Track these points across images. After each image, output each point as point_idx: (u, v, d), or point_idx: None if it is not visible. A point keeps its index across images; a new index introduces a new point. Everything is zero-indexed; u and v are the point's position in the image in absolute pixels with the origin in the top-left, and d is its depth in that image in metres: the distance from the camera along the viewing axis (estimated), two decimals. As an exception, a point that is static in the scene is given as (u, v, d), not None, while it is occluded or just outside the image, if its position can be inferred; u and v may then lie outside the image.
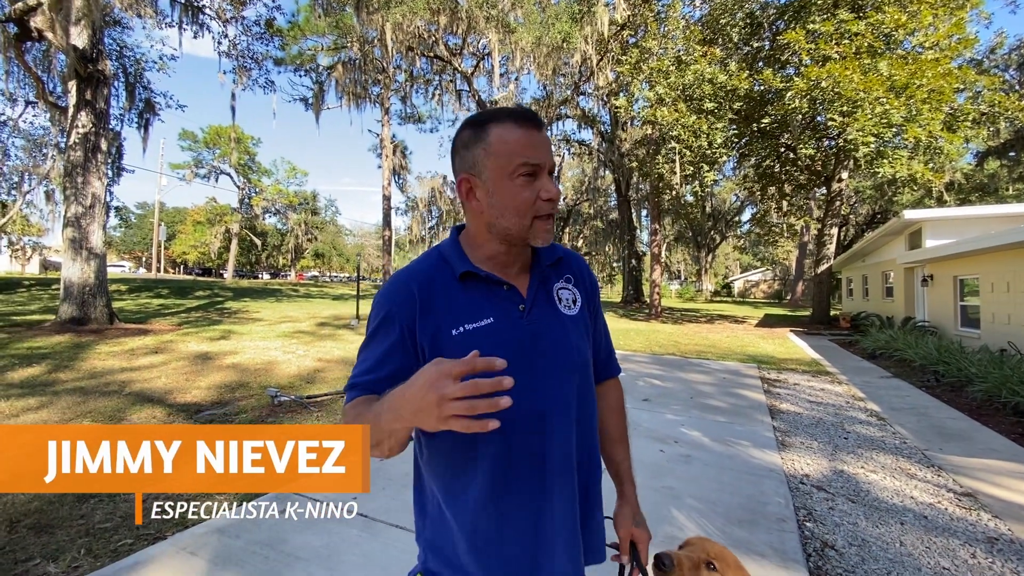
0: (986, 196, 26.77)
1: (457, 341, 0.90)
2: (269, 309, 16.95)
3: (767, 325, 18.31)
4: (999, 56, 22.47)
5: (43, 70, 13.83)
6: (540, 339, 0.96)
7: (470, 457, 0.92)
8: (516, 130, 0.91)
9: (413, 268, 0.99)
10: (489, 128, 0.92)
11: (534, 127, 0.92)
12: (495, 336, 0.92)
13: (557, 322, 1.00)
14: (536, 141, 0.91)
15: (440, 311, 0.93)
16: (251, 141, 47.04)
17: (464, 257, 0.98)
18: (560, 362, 0.97)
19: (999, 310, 9.31)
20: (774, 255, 52.03)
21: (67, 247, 9.98)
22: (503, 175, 0.91)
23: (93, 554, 2.47)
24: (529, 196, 0.91)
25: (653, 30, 16.07)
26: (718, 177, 17.43)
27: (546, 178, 0.92)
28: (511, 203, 0.92)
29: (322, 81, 21.69)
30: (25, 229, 37.75)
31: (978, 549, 2.81)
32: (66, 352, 7.53)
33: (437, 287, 0.95)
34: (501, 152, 0.90)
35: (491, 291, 0.97)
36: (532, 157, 0.90)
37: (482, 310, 0.94)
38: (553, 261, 1.05)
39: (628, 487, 1.14)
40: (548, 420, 0.94)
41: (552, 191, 0.92)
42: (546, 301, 1.01)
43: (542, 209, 0.92)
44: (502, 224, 0.94)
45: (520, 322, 0.96)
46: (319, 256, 65.42)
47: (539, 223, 0.93)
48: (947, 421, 5.52)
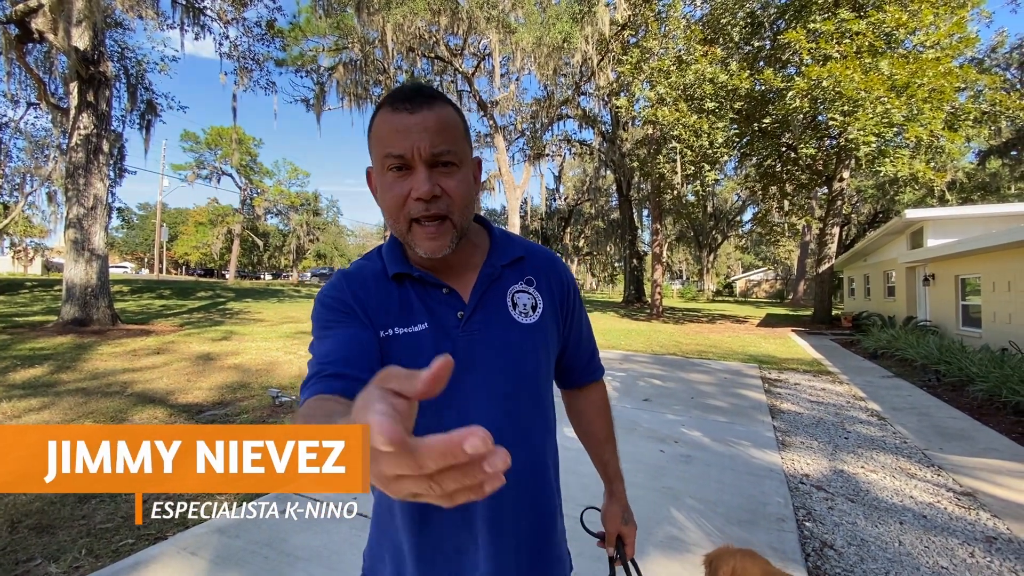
0: (988, 195, 26.71)
1: (386, 343, 0.82)
2: (271, 310, 16.99)
3: (769, 325, 18.30)
4: (1000, 55, 22.43)
5: (45, 71, 13.89)
6: (477, 353, 0.84)
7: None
8: (387, 114, 0.78)
9: (349, 270, 0.91)
10: (376, 113, 0.80)
11: (406, 108, 0.76)
12: (424, 348, 0.82)
13: (505, 332, 0.87)
14: (405, 126, 0.76)
15: (370, 312, 0.84)
16: (253, 142, 47.09)
17: (401, 256, 0.88)
18: (500, 381, 0.85)
19: (1000, 309, 9.29)
20: (776, 255, 52.00)
21: (69, 248, 10.02)
22: (378, 170, 0.80)
23: (94, 554, 2.49)
24: (398, 194, 0.78)
25: (654, 30, 16.07)
26: (719, 177, 17.41)
27: (420, 172, 0.77)
28: (384, 203, 0.81)
29: (323, 82, 21.72)
30: (27, 230, 37.87)
31: (976, 548, 2.81)
32: (68, 353, 7.56)
33: (371, 285, 0.86)
34: (374, 141, 0.80)
35: (427, 294, 0.86)
36: (395, 147, 0.76)
37: (416, 314, 0.84)
38: (510, 260, 0.92)
39: (617, 484, 1.11)
40: None
41: (422, 189, 0.76)
42: (494, 307, 0.88)
43: (414, 210, 0.78)
44: (391, 227, 0.84)
45: (454, 331, 0.84)
46: (321, 257, 65.50)
47: (417, 228, 0.79)
48: (948, 421, 5.51)
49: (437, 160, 0.77)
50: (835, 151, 15.36)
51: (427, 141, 0.76)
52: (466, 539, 0.85)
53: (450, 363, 0.44)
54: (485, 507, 0.84)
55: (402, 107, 0.76)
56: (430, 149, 0.76)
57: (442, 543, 0.84)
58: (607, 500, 1.11)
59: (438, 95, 0.80)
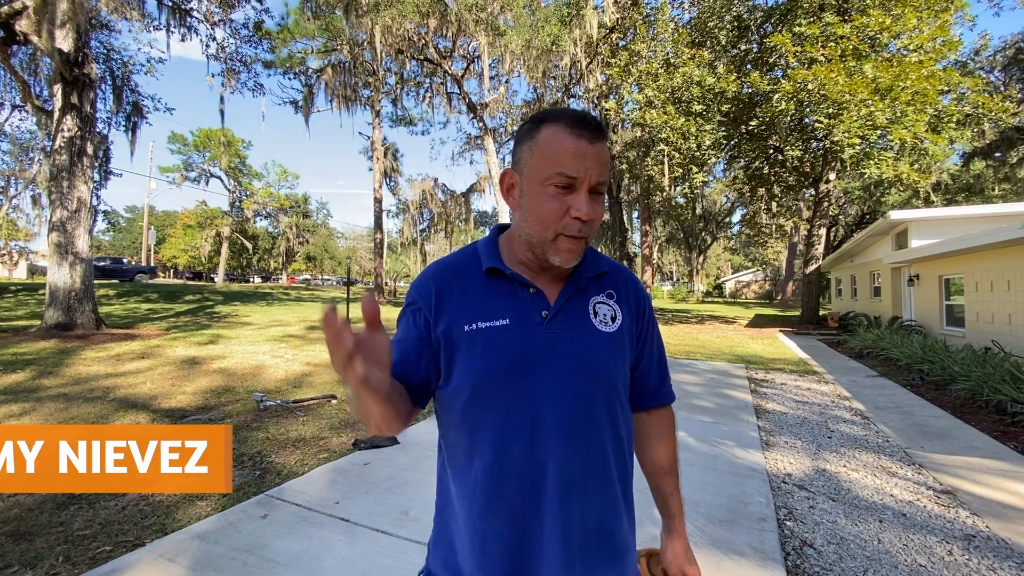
0: (972, 196, 27.11)
1: (468, 337, 0.89)
2: (259, 313, 16.86)
3: (757, 325, 18.43)
4: (983, 58, 22.78)
5: (29, 73, 13.70)
6: (556, 348, 0.90)
7: (467, 452, 0.91)
8: (565, 135, 0.84)
9: (442, 261, 0.99)
10: (542, 126, 0.87)
11: (587, 137, 0.84)
12: (506, 338, 0.89)
13: (585, 335, 0.93)
14: (583, 152, 0.84)
15: (456, 306, 0.91)
16: (242, 144, 46.79)
17: (496, 254, 0.96)
18: (577, 375, 0.90)
19: (983, 309, 9.43)
20: (764, 256, 52.45)
21: (53, 252, 9.88)
22: (537, 179, 0.86)
23: (71, 561, 2.45)
24: (557, 208, 0.85)
25: (642, 33, 16.19)
26: (707, 179, 17.57)
27: (583, 194, 0.85)
28: (536, 211, 0.87)
29: (311, 84, 21.64)
30: (12, 234, 37.34)
31: (955, 546, 2.85)
32: (51, 358, 7.45)
33: (459, 281, 0.94)
34: (542, 155, 0.86)
35: (514, 292, 0.93)
36: (570, 168, 0.83)
37: (500, 309, 0.91)
38: (596, 274, 0.99)
39: (679, 522, 1.07)
40: (550, 435, 0.88)
41: (583, 210, 0.84)
42: (577, 312, 0.95)
43: (569, 228, 0.86)
44: (525, 230, 0.90)
45: (538, 328, 0.91)
46: (311, 259, 65.16)
47: (563, 240, 0.87)
48: (930, 419, 5.58)
49: (595, 189, 0.86)
50: (821, 153, 15.53)
51: (597, 171, 0.85)
52: (527, 510, 0.88)
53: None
54: (556, 483, 0.88)
55: (583, 134, 0.84)
56: (597, 179, 0.85)
57: (508, 514, 0.88)
58: (669, 537, 1.07)
59: (605, 131, 0.91)
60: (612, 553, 0.95)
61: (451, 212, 27.95)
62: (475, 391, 0.88)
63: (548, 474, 0.88)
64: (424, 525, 2.79)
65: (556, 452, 0.88)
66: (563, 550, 0.88)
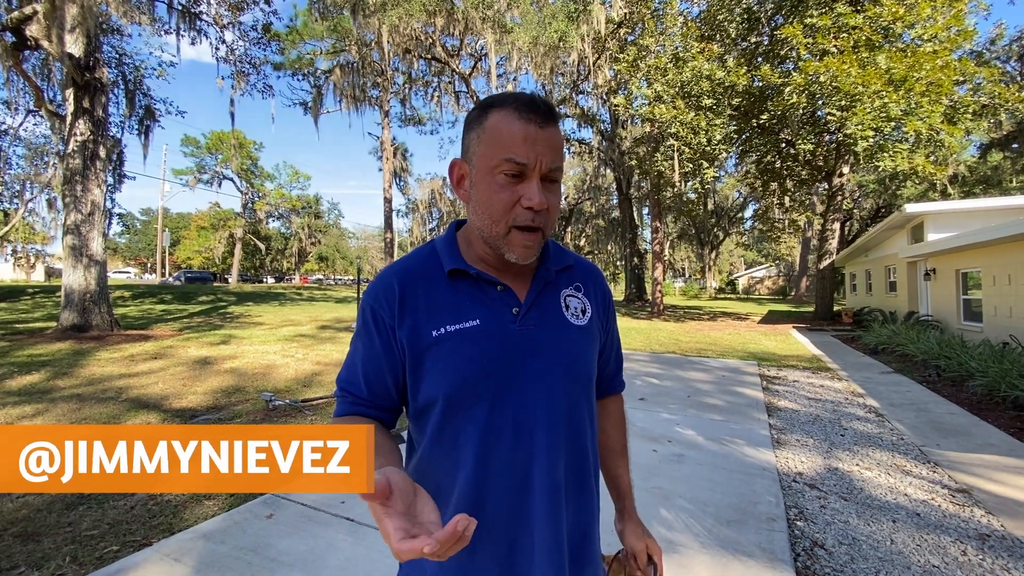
0: (990, 188, 26.58)
1: (437, 342, 0.84)
2: (271, 313, 17.02)
3: (770, 322, 18.23)
4: (999, 47, 22.30)
5: (42, 79, 13.92)
6: (534, 346, 0.87)
7: (448, 467, 0.85)
8: (513, 119, 0.80)
9: (399, 264, 0.92)
10: (490, 112, 0.82)
11: (536, 121, 0.80)
12: (479, 340, 0.84)
13: (560, 329, 0.90)
14: (533, 136, 0.79)
15: (420, 310, 0.86)
16: (253, 146, 47.24)
17: (457, 254, 0.91)
18: (557, 371, 0.88)
19: (1001, 303, 9.23)
20: (778, 251, 51.89)
21: (67, 254, 10.05)
22: (486, 168, 0.81)
23: (78, 561, 2.48)
24: (507, 199, 0.80)
25: (650, 27, 16.03)
26: (718, 174, 17.35)
27: (534, 182, 0.80)
28: (486, 202, 0.82)
29: (320, 85, 21.75)
30: (29, 237, 38.04)
31: (969, 546, 2.78)
32: (66, 359, 7.57)
33: (421, 284, 0.88)
34: (490, 141, 0.81)
35: (482, 291, 0.88)
36: (519, 154, 0.78)
37: (468, 311, 0.86)
38: (562, 267, 0.96)
39: (630, 502, 1.07)
40: (534, 436, 0.85)
41: (535, 199, 0.79)
42: (549, 306, 0.91)
43: (520, 218, 0.81)
44: (477, 224, 0.86)
45: (511, 327, 0.86)
46: (323, 259, 65.67)
47: (516, 234, 0.82)
48: (946, 416, 5.47)
49: (548, 176, 0.82)
50: (834, 146, 15.30)
51: (548, 157, 0.80)
52: (514, 514, 0.85)
53: (469, 525, 0.63)
54: (542, 486, 0.85)
55: (532, 118, 0.80)
56: (549, 164, 0.81)
57: (495, 521, 0.84)
58: (623, 517, 1.06)
59: (557, 114, 0.85)
60: (592, 554, 0.93)
61: (460, 211, 27.99)
62: (450, 400, 0.83)
63: (534, 478, 0.84)
64: (428, 525, 2.79)
65: (541, 454, 0.85)
66: (555, 555, 0.85)
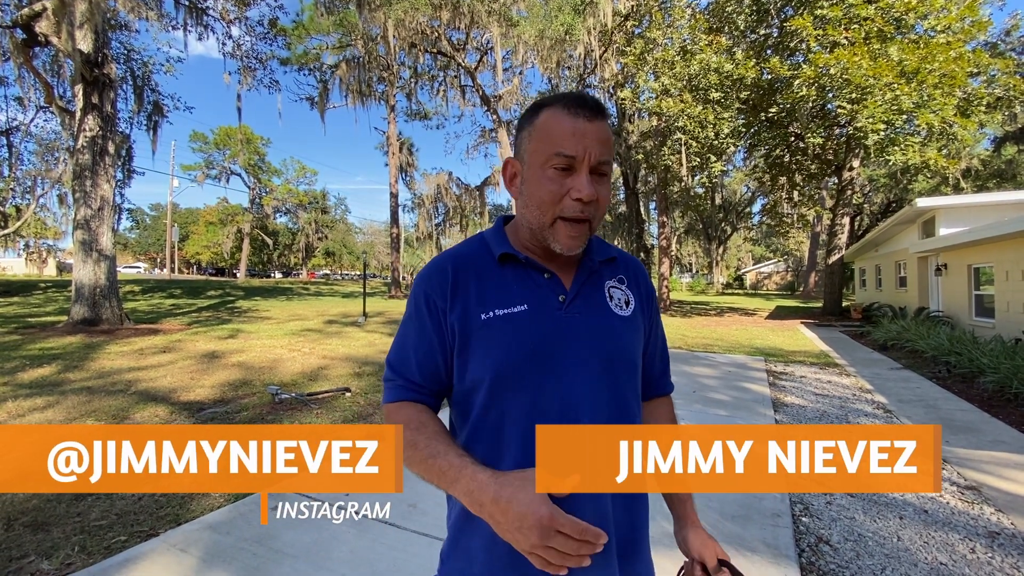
0: (1004, 182, 26.17)
1: (485, 326, 0.86)
2: (279, 308, 17.12)
3: (778, 317, 18.11)
4: (1015, 38, 21.88)
5: (52, 75, 14.04)
6: (579, 332, 0.88)
7: (493, 451, 0.85)
8: (562, 115, 0.83)
9: (452, 250, 0.96)
10: (541, 111, 0.86)
11: (585, 116, 0.83)
12: (526, 325, 0.86)
13: (605, 318, 0.92)
14: (582, 131, 0.82)
15: (471, 294, 0.88)
16: (261, 142, 47.42)
17: (506, 241, 0.94)
18: (603, 359, 0.88)
19: (1014, 299, 9.10)
20: (786, 246, 51.48)
21: (78, 249, 10.15)
22: (537, 163, 0.85)
23: (87, 551, 2.51)
24: (555, 191, 0.83)
25: (657, 20, 15.88)
26: (726, 168, 17.24)
27: (583, 175, 0.82)
28: (535, 195, 0.86)
29: (326, 80, 21.76)
30: (40, 232, 38.47)
31: (978, 544, 2.75)
32: (76, 352, 7.66)
33: (472, 270, 0.91)
34: (540, 137, 0.84)
35: (529, 277, 0.91)
36: (568, 148, 0.82)
37: (517, 296, 0.89)
38: (606, 259, 0.98)
39: (691, 506, 1.01)
40: (581, 423, 0.85)
41: (583, 191, 0.82)
42: (594, 296, 0.93)
43: (567, 209, 0.83)
44: (527, 217, 0.89)
45: (557, 313, 0.88)
46: (330, 255, 65.92)
47: (562, 225, 0.85)
48: (956, 413, 5.41)
49: (597, 169, 0.84)
50: (844, 140, 15.12)
51: (597, 150, 0.83)
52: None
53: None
54: (588, 498, 0.83)
55: (581, 113, 0.83)
56: (597, 157, 0.83)
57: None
58: (684, 524, 1.00)
59: (606, 110, 0.88)
60: (643, 552, 0.94)
61: (466, 206, 27.97)
62: (496, 383, 0.85)
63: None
64: (433, 518, 2.80)
65: None
66: (602, 553, 0.81)
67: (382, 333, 11.01)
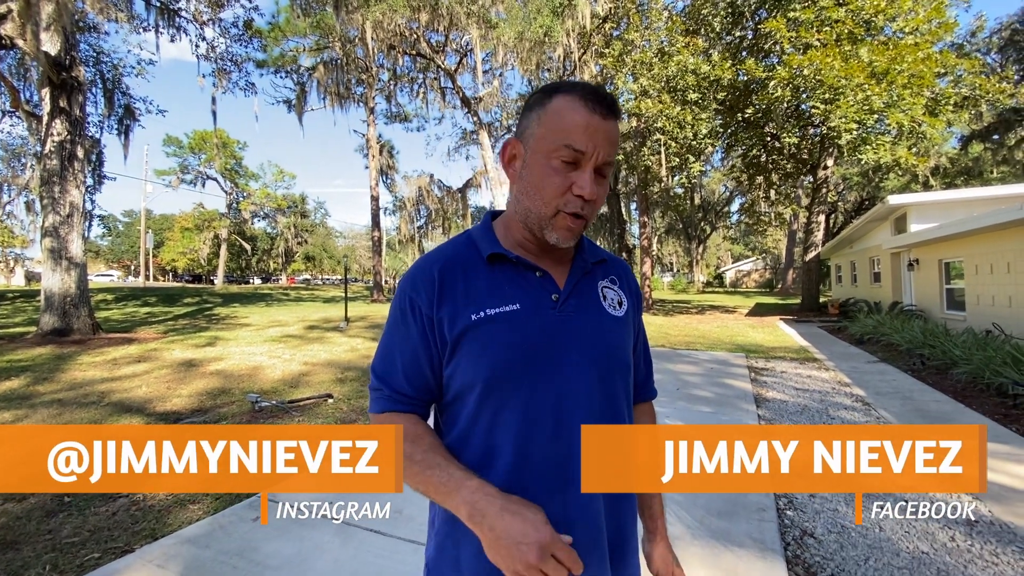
0: (971, 179, 26.99)
1: (476, 326, 0.83)
2: (258, 314, 16.82)
3: (757, 314, 18.39)
4: (980, 39, 22.62)
5: (18, 79, 13.61)
6: (574, 332, 0.86)
7: (484, 456, 0.83)
8: (578, 107, 0.80)
9: (438, 251, 0.92)
10: (555, 95, 0.82)
11: (601, 112, 0.80)
12: (519, 324, 0.83)
13: (599, 318, 0.90)
14: (595, 127, 0.79)
15: (460, 295, 0.85)
16: (237, 145, 46.61)
17: (495, 240, 0.91)
18: (598, 360, 0.87)
19: (984, 292, 9.37)
20: (764, 244, 52.36)
21: (46, 257, 9.83)
22: (543, 150, 0.82)
23: (58, 569, 2.41)
24: (559, 183, 0.81)
25: (635, 22, 16.03)
26: (705, 168, 17.45)
27: (588, 172, 0.80)
28: (537, 184, 0.83)
29: (304, 82, 21.50)
30: (8, 241, 37.26)
31: (957, 532, 2.80)
32: (46, 364, 7.41)
33: (460, 270, 0.87)
34: (551, 125, 0.81)
35: (521, 276, 0.88)
36: (579, 142, 0.79)
37: (508, 295, 0.86)
38: (597, 260, 0.97)
39: (661, 522, 1.02)
40: (574, 427, 0.83)
41: (587, 188, 0.80)
42: (588, 295, 0.91)
43: (570, 205, 0.81)
44: (524, 203, 0.86)
45: (551, 312, 0.86)
46: (310, 259, 65.07)
47: (562, 218, 0.83)
48: (931, 404, 5.54)
49: (601, 169, 0.82)
50: (818, 140, 15.44)
51: (606, 150, 0.81)
52: (556, 510, 0.81)
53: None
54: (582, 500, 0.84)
55: (597, 108, 0.80)
56: (605, 158, 0.81)
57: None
58: (652, 540, 1.01)
59: (619, 109, 0.85)
60: (631, 557, 0.92)
61: (448, 208, 27.85)
62: (489, 384, 0.82)
63: (575, 469, 0.82)
64: (419, 524, 2.75)
65: (579, 450, 0.83)
66: (596, 558, 0.83)
67: (365, 338, 10.88)
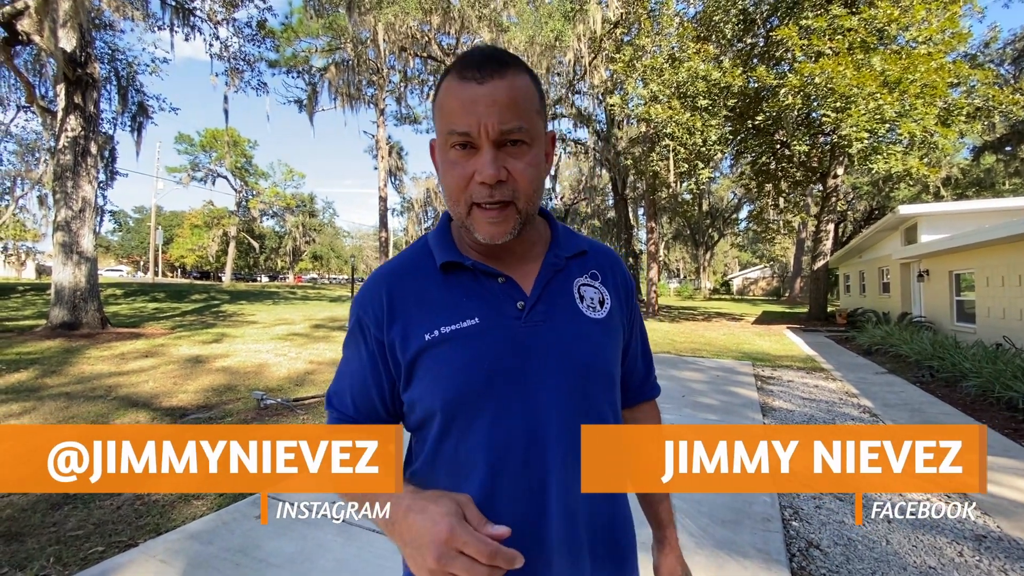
0: (983, 191, 26.78)
1: (430, 346, 0.74)
2: (265, 312, 16.91)
3: (764, 322, 18.28)
4: (993, 50, 22.46)
5: (34, 74, 13.80)
6: (543, 344, 0.76)
7: (456, 486, 0.75)
8: (452, 84, 0.69)
9: (388, 265, 0.83)
10: (442, 81, 0.72)
11: (475, 78, 0.67)
12: (478, 341, 0.74)
13: (573, 324, 0.79)
14: (472, 98, 0.67)
15: (412, 312, 0.76)
16: (247, 144, 47.01)
17: (450, 245, 0.80)
18: (572, 372, 0.76)
19: (994, 304, 9.27)
20: (772, 252, 52.08)
21: (58, 251, 9.94)
22: (440, 146, 0.72)
23: (62, 562, 2.43)
24: (460, 175, 0.70)
25: (647, 27, 16.03)
26: (714, 174, 17.40)
27: (484, 153, 0.68)
28: (444, 182, 0.73)
29: (315, 83, 21.65)
30: (19, 234, 37.69)
31: (965, 547, 2.76)
32: (55, 357, 7.48)
33: (411, 284, 0.78)
34: (438, 115, 0.71)
35: (479, 284, 0.78)
36: (458, 124, 0.68)
37: (465, 308, 0.76)
38: (574, 253, 0.85)
39: (671, 531, 0.94)
40: (548, 451, 0.74)
41: (486, 171, 0.67)
42: (560, 298, 0.80)
43: (477, 195, 0.70)
44: (448, 206, 0.76)
45: (515, 323, 0.76)
46: (317, 258, 65.41)
47: (478, 212, 0.71)
48: (940, 417, 5.47)
49: (505, 139, 0.69)
50: (828, 148, 15.36)
51: (495, 117, 0.67)
52: (531, 546, 0.72)
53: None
54: (560, 507, 0.76)
55: (470, 76, 0.68)
56: (499, 126, 0.67)
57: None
58: (662, 550, 0.94)
59: (511, 60, 0.71)
60: (622, 551, 0.86)
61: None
62: (449, 412, 0.74)
63: (551, 500, 0.75)
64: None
65: (559, 471, 0.75)
66: (576, 552, 0.77)
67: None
